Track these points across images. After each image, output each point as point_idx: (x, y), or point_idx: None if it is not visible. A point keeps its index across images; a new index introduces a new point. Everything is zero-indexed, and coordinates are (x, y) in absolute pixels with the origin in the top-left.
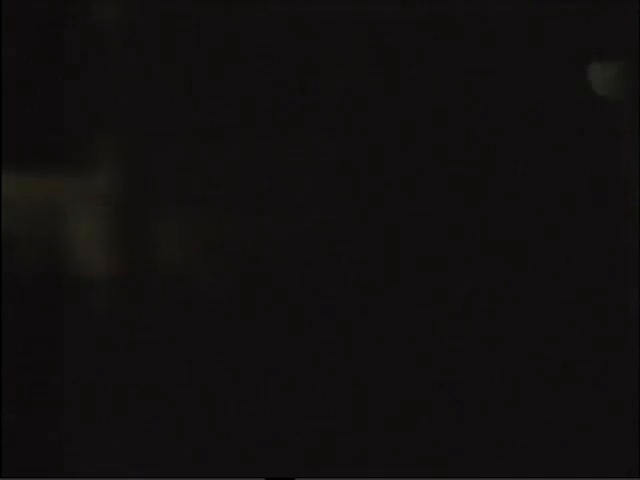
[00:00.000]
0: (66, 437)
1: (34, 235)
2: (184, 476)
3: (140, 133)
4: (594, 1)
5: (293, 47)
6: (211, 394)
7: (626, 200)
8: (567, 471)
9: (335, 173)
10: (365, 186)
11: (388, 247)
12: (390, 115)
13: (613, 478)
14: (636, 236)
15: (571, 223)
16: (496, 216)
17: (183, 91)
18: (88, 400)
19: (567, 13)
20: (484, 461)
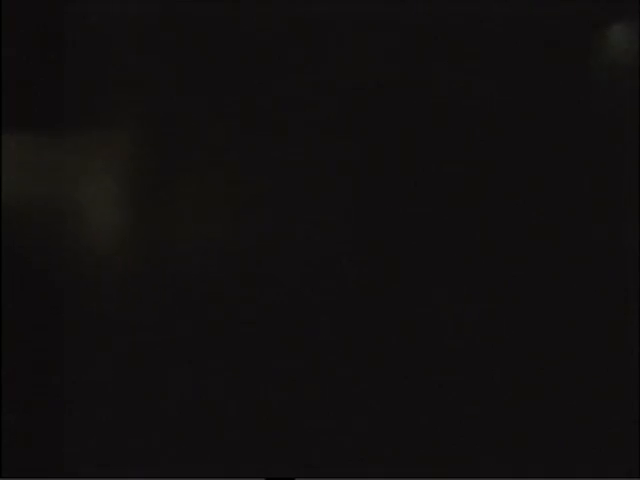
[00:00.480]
0: (66, 437)
1: (35, 208)
2: (184, 476)
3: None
4: (594, 1)
5: (293, 47)
6: (211, 394)
7: (626, 200)
8: (567, 471)
9: (335, 173)
10: (365, 186)
11: (388, 247)
12: (390, 115)
13: (613, 478)
14: (636, 236)
15: (571, 223)
16: (496, 216)
17: (181, 90)
18: (89, 399)
19: (567, 13)
20: (484, 461)
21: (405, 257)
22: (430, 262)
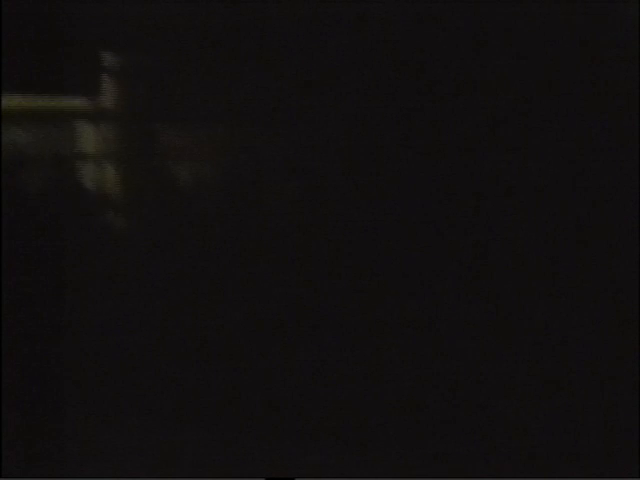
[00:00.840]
0: (67, 437)
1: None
2: (184, 476)
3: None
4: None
5: (298, 45)
6: (211, 395)
7: (626, 200)
8: (567, 471)
9: (339, 171)
10: (367, 184)
11: (389, 247)
12: (391, 116)
13: (613, 478)
14: (636, 236)
15: (571, 223)
16: (497, 216)
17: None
18: (90, 398)
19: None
20: (484, 461)
21: (407, 256)
22: (431, 262)
